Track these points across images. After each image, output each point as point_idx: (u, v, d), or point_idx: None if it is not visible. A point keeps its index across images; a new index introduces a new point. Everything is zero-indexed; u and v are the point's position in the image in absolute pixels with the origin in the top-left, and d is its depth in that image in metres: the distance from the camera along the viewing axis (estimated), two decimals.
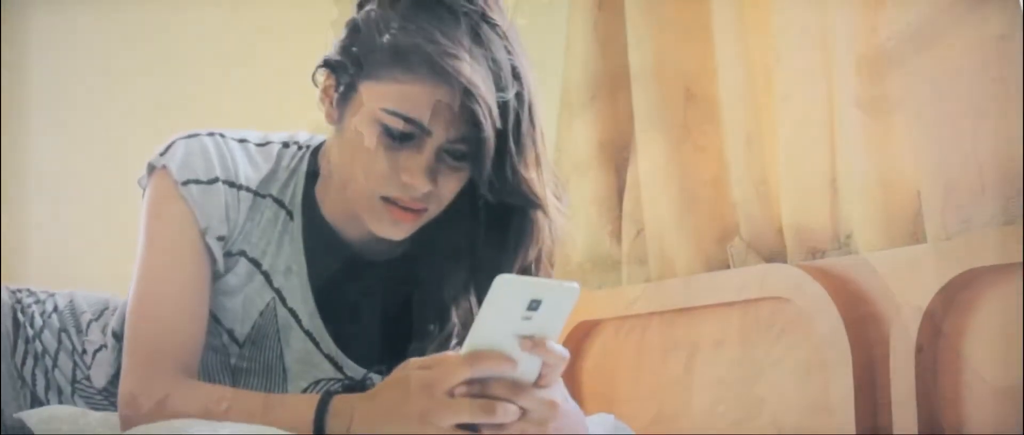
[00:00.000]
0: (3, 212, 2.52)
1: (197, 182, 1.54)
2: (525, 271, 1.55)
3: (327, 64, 1.52)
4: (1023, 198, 1.82)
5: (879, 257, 1.97)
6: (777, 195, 2.13)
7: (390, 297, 1.63)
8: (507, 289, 1.31)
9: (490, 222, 1.54)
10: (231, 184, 1.56)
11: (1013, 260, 1.79)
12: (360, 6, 1.51)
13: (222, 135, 1.58)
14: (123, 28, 2.69)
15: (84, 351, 1.68)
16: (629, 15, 2.28)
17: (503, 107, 1.45)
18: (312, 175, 1.60)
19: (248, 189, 1.57)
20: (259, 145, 1.61)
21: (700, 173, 2.23)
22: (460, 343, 1.58)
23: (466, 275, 1.58)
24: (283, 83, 2.47)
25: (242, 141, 1.60)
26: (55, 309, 1.72)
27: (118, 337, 1.65)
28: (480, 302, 1.53)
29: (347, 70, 1.48)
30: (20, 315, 1.70)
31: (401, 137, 1.46)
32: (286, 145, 1.62)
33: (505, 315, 1.32)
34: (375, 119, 1.46)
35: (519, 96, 1.47)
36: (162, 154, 1.56)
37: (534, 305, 1.32)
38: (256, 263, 1.57)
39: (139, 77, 2.69)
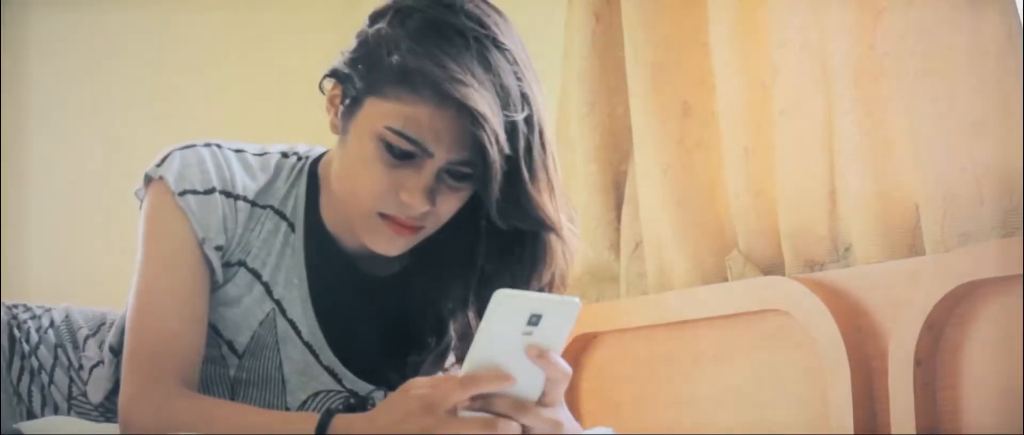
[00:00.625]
0: (3, 225, 2.52)
1: (194, 192, 1.54)
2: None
3: (335, 75, 1.51)
4: (1023, 210, 1.82)
5: (877, 269, 1.97)
6: (775, 207, 2.13)
7: (389, 310, 1.62)
8: (506, 304, 1.30)
9: (499, 240, 1.53)
10: (228, 194, 1.55)
11: (1012, 273, 1.79)
12: (372, 22, 1.50)
13: (218, 145, 1.58)
14: (124, 30, 2.69)
15: (81, 367, 1.68)
16: (627, 28, 2.28)
17: (512, 133, 1.44)
18: (313, 186, 1.60)
19: (245, 199, 1.57)
20: (256, 155, 1.60)
21: (698, 186, 2.23)
22: (458, 358, 1.59)
23: (465, 289, 1.57)
24: (286, 86, 2.48)
25: (239, 151, 1.59)
26: (51, 324, 1.71)
27: (114, 352, 1.64)
28: (481, 318, 1.53)
29: (354, 84, 1.48)
30: (16, 331, 1.69)
31: (402, 155, 1.46)
32: (285, 155, 1.62)
33: (505, 330, 1.31)
34: (378, 136, 1.46)
35: (528, 121, 1.46)
36: (158, 165, 1.56)
37: (534, 320, 1.31)
38: (256, 273, 1.57)
39: (140, 80, 2.69)
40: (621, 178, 2.38)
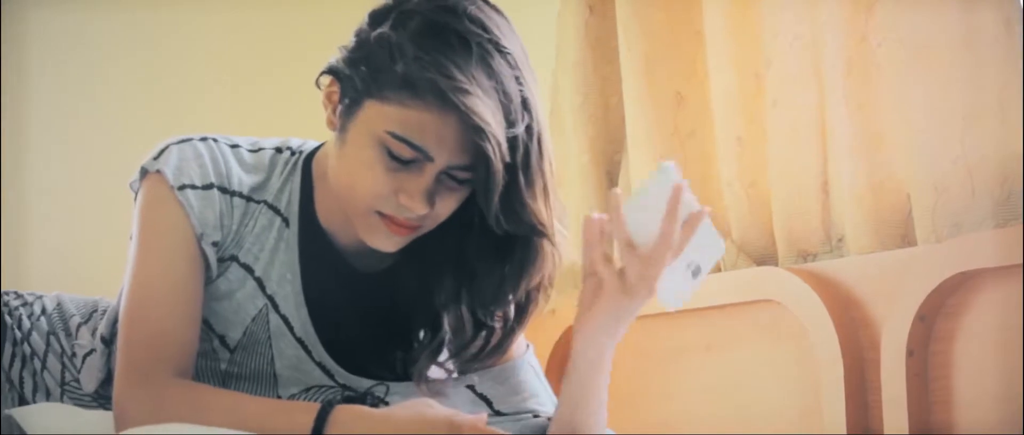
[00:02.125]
0: (2, 223, 2.52)
1: (193, 187, 1.53)
2: (528, 295, 1.56)
3: (334, 73, 1.51)
4: (1023, 200, 1.82)
5: (870, 260, 1.97)
6: (768, 198, 2.13)
7: (382, 305, 1.62)
8: (668, 180, 1.47)
9: (491, 239, 1.53)
10: (224, 190, 1.55)
11: (1003, 263, 1.79)
12: (373, 24, 1.50)
13: (215, 140, 1.58)
14: (124, 30, 2.68)
15: (73, 354, 1.68)
16: (620, 19, 2.28)
17: (512, 141, 1.45)
18: (307, 182, 1.59)
19: (240, 195, 1.56)
20: (251, 151, 1.60)
21: (691, 176, 2.22)
22: (452, 354, 1.59)
23: (458, 284, 1.57)
24: (287, 88, 2.47)
25: (234, 146, 1.59)
26: (43, 312, 1.71)
27: (106, 342, 1.64)
28: (473, 313, 1.55)
29: (354, 84, 1.47)
30: (8, 318, 1.69)
31: (403, 160, 1.46)
32: (279, 150, 1.61)
33: (660, 202, 1.47)
34: (379, 140, 1.45)
35: (528, 128, 1.46)
36: (156, 158, 1.55)
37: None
38: (248, 269, 1.57)
39: (140, 80, 2.69)
40: (614, 168, 2.38)
